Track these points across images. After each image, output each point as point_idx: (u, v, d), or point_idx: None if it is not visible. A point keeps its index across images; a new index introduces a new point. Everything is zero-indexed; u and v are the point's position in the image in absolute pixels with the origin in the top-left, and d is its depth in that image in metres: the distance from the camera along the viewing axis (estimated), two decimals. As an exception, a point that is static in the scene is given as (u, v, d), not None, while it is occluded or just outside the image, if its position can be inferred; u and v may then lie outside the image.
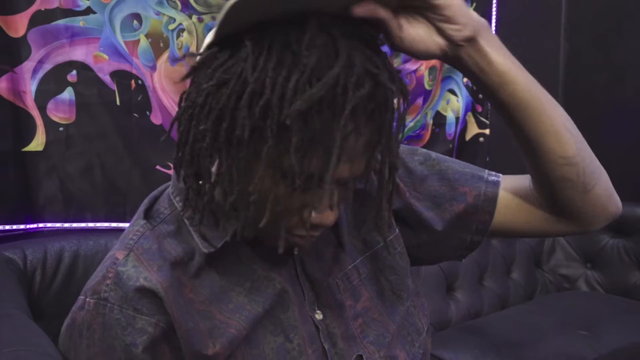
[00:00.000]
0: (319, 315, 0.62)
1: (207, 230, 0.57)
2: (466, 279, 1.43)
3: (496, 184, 0.65)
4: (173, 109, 1.17)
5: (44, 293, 0.75)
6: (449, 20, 0.49)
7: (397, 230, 0.67)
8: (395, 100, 0.47)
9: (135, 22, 1.10)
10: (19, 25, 0.98)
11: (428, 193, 0.67)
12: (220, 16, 0.43)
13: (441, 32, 0.50)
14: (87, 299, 0.54)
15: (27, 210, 1.02)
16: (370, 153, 0.49)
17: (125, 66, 1.10)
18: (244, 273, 0.59)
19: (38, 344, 0.49)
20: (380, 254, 0.66)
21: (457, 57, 0.52)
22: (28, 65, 1.00)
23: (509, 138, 0.59)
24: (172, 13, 1.13)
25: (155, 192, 0.64)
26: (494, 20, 1.92)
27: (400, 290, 0.66)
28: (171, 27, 1.14)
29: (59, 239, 0.84)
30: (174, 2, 1.13)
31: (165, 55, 1.14)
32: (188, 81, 0.51)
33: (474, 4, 1.83)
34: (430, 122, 1.71)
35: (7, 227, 0.97)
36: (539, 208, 0.63)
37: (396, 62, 1.56)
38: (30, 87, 1.00)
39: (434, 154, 0.70)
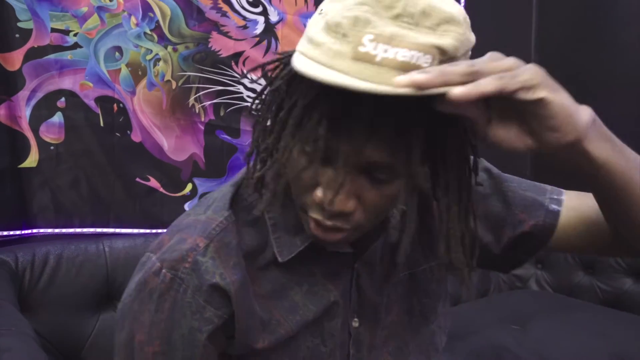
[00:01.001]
0: (355, 324, 0.64)
1: (282, 234, 0.59)
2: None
3: (556, 214, 0.64)
4: (151, 128, 1.31)
5: (32, 289, 0.91)
6: (551, 129, 0.44)
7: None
8: None
9: (117, 53, 1.26)
10: (15, 60, 1.13)
11: (487, 214, 0.67)
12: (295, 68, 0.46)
13: (536, 135, 0.45)
14: (164, 270, 0.56)
15: (22, 217, 1.17)
16: (394, 155, 0.48)
17: (108, 92, 1.25)
18: (304, 275, 0.61)
19: (18, 326, 0.65)
20: (420, 275, 0.67)
21: (554, 153, 0.47)
22: (23, 94, 1.15)
23: None
24: (150, 45, 1.29)
25: (238, 176, 0.63)
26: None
27: (428, 313, 0.67)
28: (148, 57, 1.29)
29: (45, 244, 1.00)
30: (151, 35, 1.29)
31: (144, 82, 1.29)
32: (164, 102, 0.64)
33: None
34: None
35: (5, 232, 1.12)
36: (604, 236, 0.61)
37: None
38: (25, 112, 1.15)
39: (495, 170, 0.69)
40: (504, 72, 0.43)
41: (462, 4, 2.00)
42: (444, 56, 0.45)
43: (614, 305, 1.58)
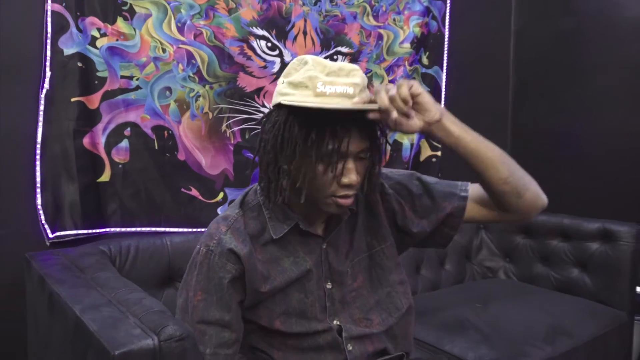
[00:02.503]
0: (329, 286, 0.98)
1: (276, 221, 0.94)
2: (406, 269, 1.92)
3: (465, 198, 1.02)
4: (193, 150, 1.66)
5: (120, 271, 1.26)
6: (427, 110, 0.84)
7: (391, 240, 1.04)
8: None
9: (167, 92, 1.60)
10: (95, 101, 1.47)
11: (421, 207, 1.04)
12: (286, 99, 0.84)
13: (421, 117, 0.84)
14: (201, 248, 0.93)
15: (99, 220, 1.51)
16: (366, 143, 0.87)
17: (161, 122, 1.59)
18: (290, 250, 0.96)
19: (130, 284, 1.00)
20: (375, 255, 1.03)
21: (429, 131, 0.87)
22: (100, 126, 1.48)
23: (456, 158, 0.93)
24: (192, 85, 1.64)
25: (247, 189, 1.01)
26: (445, 57, 2.36)
27: (382, 279, 1.03)
28: (192, 94, 1.64)
29: (127, 239, 1.36)
30: (194, 77, 1.64)
31: (188, 114, 1.64)
32: (203, 129, 1.11)
33: (427, 52, 2.29)
34: (389, 148, 2.18)
35: (89, 230, 1.47)
36: (492, 208, 0.99)
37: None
38: (102, 140, 1.49)
39: (423, 177, 1.06)
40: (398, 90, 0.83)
41: (447, 26, 2.34)
42: (357, 87, 0.85)
43: (564, 290, 1.91)
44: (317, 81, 0.84)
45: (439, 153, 2.36)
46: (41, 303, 1.06)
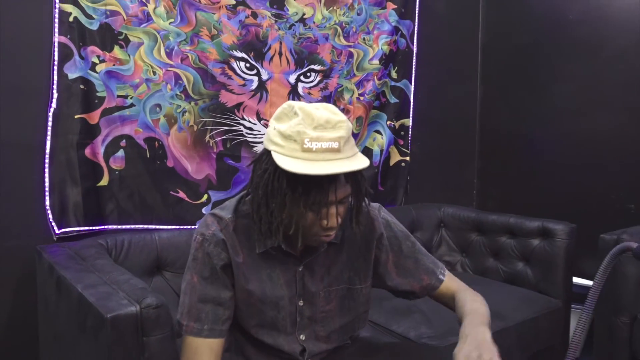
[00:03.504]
0: (300, 303, 1.08)
1: (262, 237, 1.02)
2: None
3: (441, 281, 1.17)
4: (180, 158, 1.90)
5: (115, 261, 1.51)
6: None
7: (369, 282, 1.15)
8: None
9: (157, 108, 1.84)
10: (95, 117, 1.71)
11: (403, 267, 1.16)
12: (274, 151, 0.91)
13: None
14: (198, 237, 1.03)
15: (99, 218, 1.75)
16: (349, 188, 0.96)
17: (152, 134, 1.84)
18: (270, 265, 1.06)
19: (121, 269, 1.24)
20: (354, 291, 1.14)
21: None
22: (99, 139, 1.72)
23: (424, 163, 1.22)
24: (179, 102, 1.89)
25: (240, 195, 1.09)
26: (414, 71, 2.60)
27: (351, 310, 1.14)
28: (178, 110, 1.89)
29: (120, 235, 1.62)
30: (180, 95, 1.89)
31: (175, 127, 1.88)
32: (189, 140, 1.35)
33: (396, 67, 2.53)
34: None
35: (90, 227, 1.71)
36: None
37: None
38: (101, 150, 1.73)
39: (417, 245, 1.19)
40: None
41: (416, 42, 2.58)
42: (342, 139, 0.91)
43: (511, 282, 2.14)
44: (304, 137, 0.90)
45: (407, 158, 2.61)
46: (50, 285, 1.32)
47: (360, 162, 0.93)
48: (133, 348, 0.98)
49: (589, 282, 2.22)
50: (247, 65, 2.02)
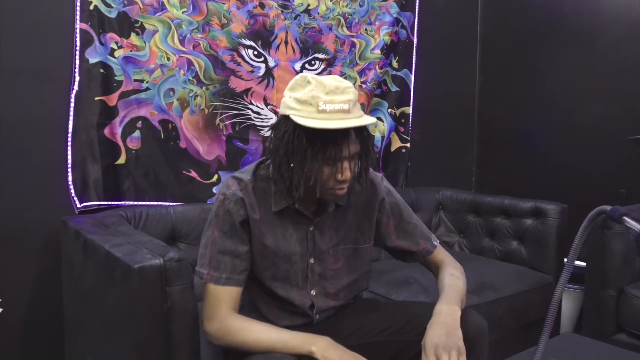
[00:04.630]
0: (311, 261, 1.20)
1: (278, 197, 1.15)
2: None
3: (435, 247, 1.32)
4: (192, 139, 2.02)
5: (133, 231, 1.63)
6: None
7: (372, 242, 1.28)
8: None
9: (171, 92, 1.96)
10: (113, 99, 1.83)
11: (403, 230, 1.30)
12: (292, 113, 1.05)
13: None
14: (219, 196, 1.15)
15: (117, 194, 1.86)
16: (358, 145, 1.08)
17: (166, 117, 1.96)
18: (284, 224, 1.17)
19: (142, 233, 1.36)
20: (359, 250, 1.26)
21: None
22: (117, 120, 1.84)
23: (424, 149, 1.47)
24: (191, 87, 2.00)
25: (258, 161, 1.22)
26: (414, 61, 2.71)
27: (357, 269, 1.26)
28: (191, 94, 2.00)
29: (139, 208, 1.74)
30: (192, 80, 2.00)
31: (188, 110, 2.00)
32: (200, 122, 1.56)
33: (397, 57, 2.64)
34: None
35: (109, 202, 1.83)
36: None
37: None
38: (119, 130, 1.85)
39: (414, 215, 1.34)
40: None
41: (416, 33, 2.69)
42: (351, 102, 1.05)
43: (506, 260, 2.26)
44: (319, 100, 1.04)
45: (408, 145, 2.71)
46: (76, 249, 1.43)
47: (368, 120, 1.08)
48: (157, 296, 1.09)
49: (582, 264, 2.33)
50: (255, 52, 2.13)
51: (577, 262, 2.34)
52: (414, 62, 2.73)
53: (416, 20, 2.71)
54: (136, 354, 1.13)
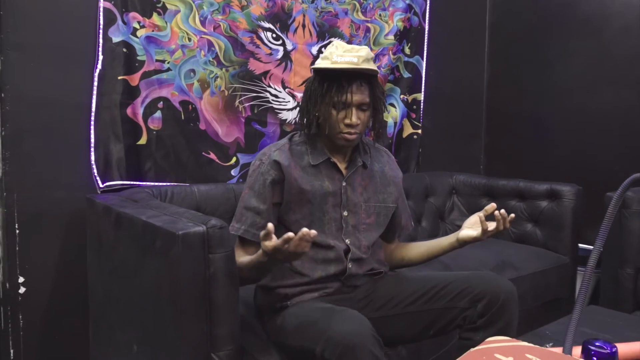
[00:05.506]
0: (345, 213, 1.34)
1: (314, 153, 1.33)
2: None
3: (413, 227, 1.56)
4: (212, 121, 2.03)
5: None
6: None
7: (397, 206, 1.45)
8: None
9: (192, 73, 1.97)
10: (135, 79, 1.84)
11: (402, 205, 1.49)
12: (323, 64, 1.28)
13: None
14: (256, 161, 1.34)
15: (139, 174, 1.86)
16: (367, 96, 1.27)
17: (186, 98, 1.97)
18: (319, 177, 1.32)
19: (176, 207, 1.36)
20: (384, 209, 1.42)
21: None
22: (139, 100, 1.84)
23: (435, 136, 1.66)
24: (212, 68, 2.01)
25: (291, 134, 1.42)
26: (425, 48, 2.74)
27: (384, 224, 1.42)
28: (211, 76, 2.01)
29: (163, 187, 1.74)
30: (213, 61, 2.01)
31: (208, 91, 2.00)
32: (220, 104, 1.64)
33: (409, 44, 2.66)
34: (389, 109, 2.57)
35: (131, 182, 1.83)
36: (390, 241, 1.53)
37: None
38: (140, 110, 1.86)
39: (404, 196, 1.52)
40: None
41: (427, 20, 2.71)
42: (361, 57, 1.25)
43: (521, 242, 2.30)
44: (334, 55, 1.27)
45: (419, 131, 2.73)
46: (106, 224, 1.44)
47: (370, 66, 1.27)
48: (200, 263, 1.10)
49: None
50: (274, 35, 2.14)
51: (588, 246, 2.39)
52: (425, 48, 2.74)
53: (427, 7, 2.72)
54: (177, 323, 1.14)
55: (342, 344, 1.01)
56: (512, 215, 1.28)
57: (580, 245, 2.26)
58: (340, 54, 1.26)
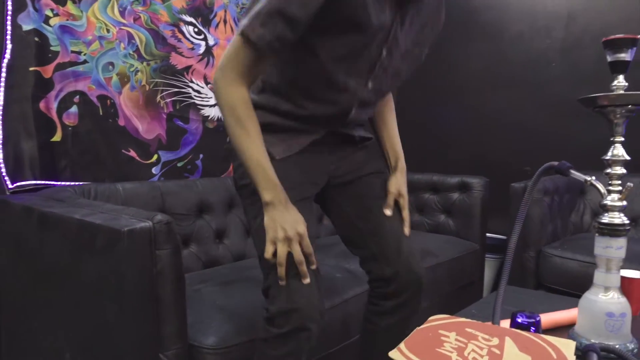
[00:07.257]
0: (384, 53, 1.05)
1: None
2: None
3: None
4: (131, 117, 1.94)
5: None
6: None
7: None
8: None
9: (110, 67, 1.88)
10: (49, 71, 1.71)
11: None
12: None
13: None
14: None
15: (54, 173, 1.73)
16: None
17: (104, 92, 1.87)
18: (382, 3, 0.98)
19: (109, 204, 1.30)
20: (421, 57, 1.19)
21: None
22: (53, 93, 1.71)
23: None
24: (132, 61, 1.93)
25: None
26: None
27: (407, 74, 1.18)
28: (131, 69, 1.92)
29: (87, 186, 1.64)
30: (133, 54, 1.92)
31: (128, 86, 1.92)
32: (140, 99, 1.49)
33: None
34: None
35: (45, 182, 1.69)
36: None
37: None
38: (54, 105, 1.73)
39: None
40: None
41: None
42: None
43: (435, 232, 2.45)
44: None
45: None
46: (27, 226, 1.33)
47: None
48: (147, 260, 1.06)
49: (500, 236, 2.58)
50: (195, 30, 2.09)
51: (495, 235, 2.61)
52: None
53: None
54: (121, 323, 1.09)
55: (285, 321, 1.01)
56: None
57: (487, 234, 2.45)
58: None
